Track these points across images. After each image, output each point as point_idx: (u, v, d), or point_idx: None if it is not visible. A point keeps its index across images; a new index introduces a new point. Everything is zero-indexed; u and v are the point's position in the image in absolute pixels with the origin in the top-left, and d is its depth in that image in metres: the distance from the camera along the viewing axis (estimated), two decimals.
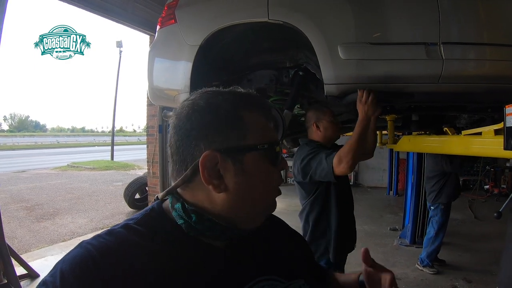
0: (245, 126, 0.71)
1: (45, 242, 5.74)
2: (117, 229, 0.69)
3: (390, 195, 10.14)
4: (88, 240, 0.65)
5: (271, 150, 0.74)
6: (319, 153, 2.14)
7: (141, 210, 0.78)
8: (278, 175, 0.77)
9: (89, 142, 60.61)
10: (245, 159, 0.71)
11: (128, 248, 0.64)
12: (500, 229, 5.84)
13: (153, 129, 7.00)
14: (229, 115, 0.71)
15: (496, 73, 1.88)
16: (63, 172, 16.62)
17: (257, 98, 0.79)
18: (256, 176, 0.72)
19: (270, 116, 0.79)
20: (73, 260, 0.61)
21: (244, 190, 0.71)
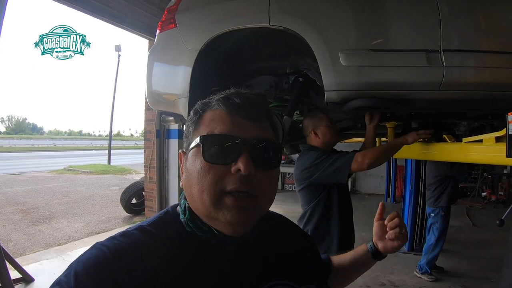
0: (200, 124, 0.73)
1: (40, 246, 5.69)
2: (131, 231, 0.70)
3: (387, 202, 10.11)
4: (102, 241, 0.67)
5: (207, 142, 0.68)
6: (331, 156, 2.16)
7: (136, 215, 0.78)
8: (217, 174, 0.66)
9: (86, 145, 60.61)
10: (188, 156, 0.72)
11: (142, 250, 0.65)
12: (498, 236, 5.86)
13: (151, 134, 6.99)
14: (193, 117, 0.75)
15: (496, 81, 1.88)
16: (60, 175, 16.53)
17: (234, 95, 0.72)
18: (192, 172, 0.70)
19: (236, 112, 0.70)
20: (88, 261, 0.62)
21: (186, 187, 0.72)
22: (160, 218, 0.76)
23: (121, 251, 0.64)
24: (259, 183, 0.68)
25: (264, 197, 0.70)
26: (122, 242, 0.66)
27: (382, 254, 1.07)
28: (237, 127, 0.69)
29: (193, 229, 0.72)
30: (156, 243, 0.68)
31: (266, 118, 0.75)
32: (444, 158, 2.50)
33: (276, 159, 0.73)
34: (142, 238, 0.68)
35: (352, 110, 2.02)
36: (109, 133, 27.14)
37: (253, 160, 0.67)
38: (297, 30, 1.89)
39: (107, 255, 0.62)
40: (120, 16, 5.61)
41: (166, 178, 7.08)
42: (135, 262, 0.63)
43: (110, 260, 0.61)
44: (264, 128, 0.73)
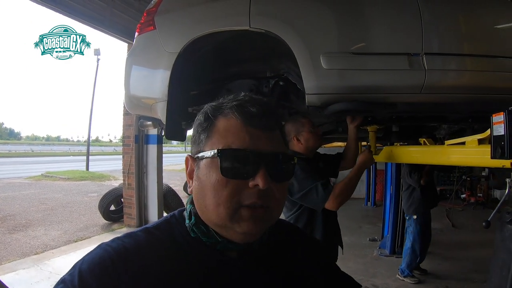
0: (212, 132, 0.71)
1: (17, 255, 5.46)
2: (136, 232, 0.71)
3: (368, 206, 10.24)
4: (107, 242, 0.67)
5: (224, 157, 0.66)
6: (312, 178, 2.09)
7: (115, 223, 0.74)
8: (235, 189, 0.66)
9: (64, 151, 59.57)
10: (201, 165, 0.71)
11: (146, 252, 0.66)
12: (478, 237, 5.98)
13: (129, 139, 6.88)
14: (203, 122, 0.72)
15: (477, 84, 1.91)
16: (37, 182, 16.08)
17: (250, 103, 0.70)
18: (206, 184, 0.68)
19: (250, 122, 0.68)
20: (92, 261, 0.63)
21: (198, 196, 0.71)
22: (166, 221, 0.77)
23: (125, 252, 0.64)
24: (273, 195, 0.68)
25: (277, 208, 0.71)
26: (127, 243, 0.67)
27: None
28: (253, 140, 0.68)
29: (198, 235, 0.72)
30: (161, 245, 0.69)
31: (278, 127, 0.74)
32: (426, 161, 2.51)
33: (289, 170, 0.73)
34: (146, 240, 0.69)
35: (333, 114, 2.01)
36: (88, 138, 26.75)
37: (270, 174, 0.66)
38: (278, 33, 1.87)
39: (112, 255, 0.63)
40: (99, 18, 5.52)
41: (145, 184, 6.97)
42: (139, 263, 0.64)
43: (114, 260, 0.62)
44: (277, 138, 0.72)
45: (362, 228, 7.30)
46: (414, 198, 4.52)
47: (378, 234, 6.49)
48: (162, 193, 7.09)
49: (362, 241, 6.29)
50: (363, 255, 5.49)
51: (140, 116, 2.76)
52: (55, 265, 4.91)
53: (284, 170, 0.71)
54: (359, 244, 6.11)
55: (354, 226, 7.33)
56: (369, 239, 6.36)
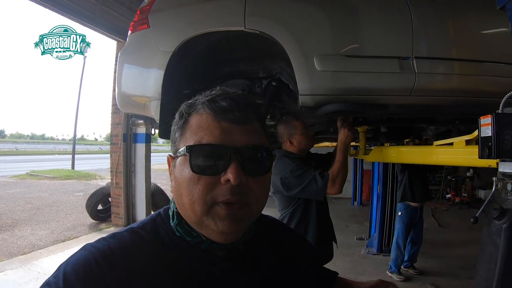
0: (186, 130, 0.70)
1: (4, 256, 5.37)
2: (121, 232, 0.70)
3: (354, 205, 10.37)
4: (92, 243, 0.67)
5: (194, 153, 0.65)
6: (309, 171, 2.17)
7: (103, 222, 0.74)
8: (207, 185, 0.64)
9: (49, 150, 58.59)
10: (176, 163, 0.70)
11: (131, 252, 0.65)
12: (464, 236, 6.11)
13: (117, 138, 6.83)
14: (178, 121, 0.72)
15: (465, 87, 1.97)
16: (22, 180, 15.81)
17: (221, 97, 0.69)
18: (181, 181, 0.68)
19: (222, 117, 0.67)
20: (77, 262, 0.62)
21: (176, 195, 0.71)
22: (151, 220, 0.76)
23: (110, 253, 0.63)
24: (250, 190, 0.66)
25: (256, 204, 0.69)
26: (112, 243, 0.66)
27: None
28: (225, 134, 0.66)
29: (182, 234, 0.71)
30: (146, 245, 0.68)
31: (256, 118, 0.72)
32: (415, 161, 2.56)
33: (267, 163, 0.71)
34: (131, 240, 0.68)
35: (326, 115, 2.04)
36: (73, 137, 26.42)
37: (244, 168, 0.65)
38: (273, 34, 1.89)
39: (96, 256, 0.62)
40: (88, 15, 5.46)
41: (133, 183, 6.93)
42: (124, 264, 0.63)
43: (99, 261, 0.61)
44: (253, 130, 0.70)
45: (349, 227, 7.38)
46: (403, 184, 4.61)
47: (365, 233, 6.59)
48: (150, 192, 7.07)
49: (350, 240, 6.37)
50: (350, 254, 5.56)
51: (131, 114, 2.75)
52: (43, 265, 4.86)
53: (262, 163, 0.70)
54: (346, 243, 6.17)
55: (342, 225, 7.40)
56: (356, 238, 6.45)
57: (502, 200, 1.31)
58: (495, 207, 1.30)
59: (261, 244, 0.80)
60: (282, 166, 2.28)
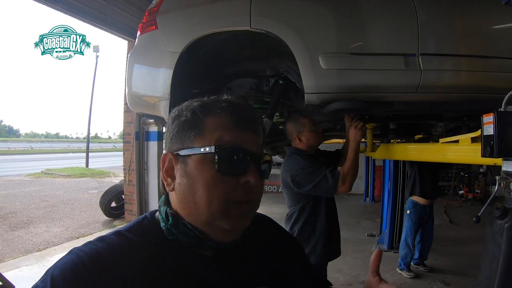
0: (202, 130, 0.71)
1: (20, 252, 5.53)
2: (108, 236, 0.70)
3: (366, 201, 10.32)
4: (79, 246, 0.66)
5: (219, 154, 0.68)
6: (319, 169, 2.21)
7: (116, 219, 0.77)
8: (228, 185, 0.68)
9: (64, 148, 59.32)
10: (189, 161, 0.71)
11: (118, 255, 0.65)
12: (475, 233, 6.02)
13: (130, 136, 6.90)
14: (191, 120, 0.72)
15: (471, 83, 1.94)
16: (37, 179, 16.12)
17: (238, 106, 0.74)
18: (198, 180, 0.69)
19: (241, 122, 0.72)
20: (64, 266, 0.61)
21: (185, 192, 0.71)
22: (138, 223, 0.76)
23: (98, 256, 0.63)
24: (258, 192, 0.74)
25: (258, 204, 0.76)
26: (99, 247, 0.66)
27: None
28: (244, 140, 0.72)
29: (176, 235, 0.71)
30: (134, 248, 0.68)
31: (260, 130, 0.78)
32: (421, 158, 2.56)
33: (268, 170, 0.77)
34: (119, 243, 0.68)
35: (331, 112, 2.05)
36: (87, 135, 26.73)
37: (257, 171, 0.72)
38: (278, 33, 1.91)
39: (84, 260, 0.62)
40: (99, 16, 5.53)
41: (146, 180, 7.00)
42: (112, 267, 0.63)
43: (86, 265, 0.61)
44: (259, 141, 0.77)
45: (360, 224, 7.35)
46: (412, 179, 4.57)
47: (376, 229, 6.54)
48: None
49: (361, 237, 6.35)
50: (361, 250, 5.54)
51: (142, 114, 2.79)
52: None
53: (267, 169, 0.77)
54: (357, 239, 6.17)
55: (353, 221, 7.39)
56: (367, 235, 6.42)
57: (505, 199, 1.31)
58: (497, 206, 1.30)
59: (250, 243, 0.81)
60: (293, 163, 2.31)
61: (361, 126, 2.27)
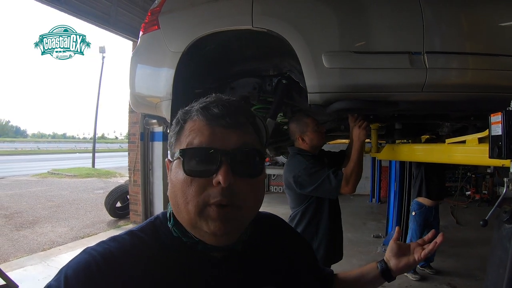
0: (180, 135, 0.72)
1: (24, 252, 5.54)
2: (121, 236, 0.72)
3: (372, 202, 10.24)
4: (92, 246, 0.68)
5: (187, 156, 0.68)
6: (322, 170, 2.17)
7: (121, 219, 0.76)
8: (200, 187, 0.66)
9: (70, 148, 59.73)
10: (172, 167, 0.72)
11: (131, 255, 0.66)
12: (483, 235, 5.92)
13: (135, 137, 6.94)
14: (175, 126, 0.74)
15: (478, 82, 1.90)
16: (43, 179, 16.21)
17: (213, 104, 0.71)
18: (175, 184, 0.70)
19: (215, 123, 0.69)
20: (78, 266, 0.63)
21: (171, 197, 0.72)
22: (150, 223, 0.77)
23: (110, 256, 0.64)
24: (241, 193, 0.67)
25: (248, 206, 0.70)
26: (112, 246, 0.67)
27: (392, 273, 1.04)
28: (217, 138, 0.68)
29: (179, 235, 0.72)
30: (145, 248, 0.69)
31: (249, 124, 0.73)
32: (427, 159, 2.52)
33: (259, 166, 0.72)
34: (131, 243, 0.69)
35: (335, 112, 2.02)
36: (93, 135, 26.87)
37: (234, 170, 0.66)
38: (280, 32, 1.88)
39: (97, 259, 0.63)
40: (103, 17, 5.56)
41: (151, 181, 7.04)
42: (125, 267, 0.64)
43: (99, 264, 0.62)
44: (246, 134, 0.72)
45: (366, 225, 7.30)
46: (419, 180, 4.50)
47: (382, 231, 6.49)
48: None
49: (366, 238, 6.30)
50: (367, 252, 5.50)
51: (145, 114, 2.79)
52: (62, 261, 4.86)
53: (253, 166, 0.71)
54: (363, 240, 6.12)
55: (359, 222, 7.34)
56: (373, 236, 6.37)
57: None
58: (505, 210, 1.27)
59: (259, 243, 0.81)
60: (295, 163, 2.29)
61: (365, 126, 2.24)
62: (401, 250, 1.04)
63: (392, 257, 1.04)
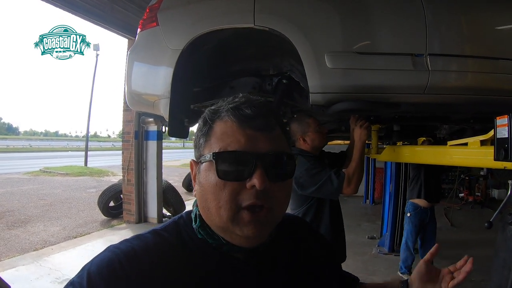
0: (211, 136, 0.71)
1: (16, 251, 5.46)
2: (144, 234, 0.72)
3: (366, 203, 10.25)
4: (116, 244, 0.68)
5: (220, 159, 0.66)
6: (324, 171, 2.16)
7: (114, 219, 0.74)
8: (233, 191, 0.66)
9: (63, 146, 59.28)
10: (201, 169, 0.71)
11: (154, 254, 0.67)
12: (477, 236, 6.00)
13: (129, 135, 6.90)
14: (202, 127, 0.73)
15: (480, 85, 1.90)
16: (35, 177, 16.04)
17: (245, 105, 0.70)
18: (207, 187, 0.69)
19: (247, 124, 0.68)
20: (101, 263, 0.63)
21: (200, 199, 0.72)
22: (174, 222, 0.77)
23: (133, 254, 0.65)
24: (274, 195, 0.68)
25: (279, 208, 0.70)
26: (135, 244, 0.67)
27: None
28: (250, 141, 0.67)
29: (204, 237, 0.72)
30: (169, 247, 0.69)
31: (278, 126, 0.73)
32: (428, 161, 2.51)
33: (289, 169, 0.72)
34: (155, 241, 0.70)
35: (337, 113, 2.01)
36: (86, 134, 26.72)
37: (267, 173, 0.66)
38: (283, 31, 1.86)
39: (120, 257, 0.64)
40: (99, 14, 5.50)
41: (145, 180, 7.01)
42: (147, 265, 0.64)
43: (122, 262, 0.63)
44: (276, 137, 0.71)
45: (361, 226, 7.30)
46: (419, 182, 4.47)
47: (377, 232, 6.51)
48: (161, 189, 7.15)
49: (361, 239, 6.30)
50: (362, 253, 5.50)
51: (142, 112, 2.75)
52: (55, 261, 4.90)
53: (285, 169, 0.71)
54: (358, 242, 6.12)
55: (353, 224, 7.33)
56: (368, 237, 6.38)
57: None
58: (510, 212, 1.26)
59: (282, 244, 0.81)
60: (297, 164, 2.25)
61: (366, 125, 2.23)
62: (429, 274, 0.95)
63: (417, 280, 0.95)
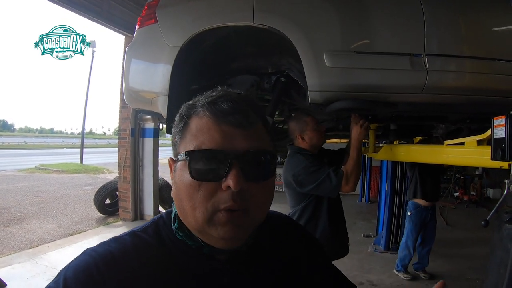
0: (186, 133, 0.66)
1: (12, 249, 5.42)
2: (123, 236, 0.69)
3: (362, 202, 10.27)
4: (93, 247, 0.66)
5: (193, 158, 0.62)
6: (322, 169, 2.17)
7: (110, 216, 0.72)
8: (208, 192, 0.61)
9: (58, 143, 58.96)
10: (176, 168, 0.67)
11: (132, 257, 0.64)
12: (472, 235, 6.04)
13: (125, 133, 6.87)
14: (178, 123, 0.69)
15: (477, 85, 1.92)
16: (31, 174, 15.95)
17: (221, 99, 0.64)
18: (181, 187, 0.65)
19: (223, 120, 0.63)
20: (77, 267, 0.61)
21: (176, 200, 0.68)
22: (154, 223, 0.74)
23: (111, 257, 0.63)
24: (252, 196, 0.63)
25: (258, 210, 0.66)
26: (113, 247, 0.65)
27: None
28: (226, 138, 0.62)
29: (183, 238, 0.69)
30: (148, 248, 0.67)
31: (259, 121, 0.68)
32: (426, 160, 2.53)
33: (270, 168, 0.67)
34: (133, 243, 0.67)
35: (335, 112, 2.02)
36: (82, 131, 26.53)
37: (245, 173, 0.61)
38: (282, 30, 1.87)
39: (97, 260, 0.61)
40: (96, 10, 5.47)
41: (141, 178, 7.00)
42: (125, 268, 0.62)
43: (99, 266, 0.60)
44: (255, 133, 0.66)
45: (356, 224, 7.33)
46: (413, 181, 4.50)
47: (372, 230, 6.53)
48: (157, 187, 7.14)
49: (357, 237, 6.31)
50: (358, 251, 5.50)
51: (139, 109, 2.74)
52: (51, 259, 4.89)
53: (264, 168, 0.66)
54: (353, 240, 6.07)
55: (349, 222, 7.24)
56: (364, 235, 6.40)
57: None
58: (506, 211, 1.27)
59: (266, 244, 0.78)
60: (295, 162, 2.27)
61: (366, 126, 2.23)
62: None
63: None
